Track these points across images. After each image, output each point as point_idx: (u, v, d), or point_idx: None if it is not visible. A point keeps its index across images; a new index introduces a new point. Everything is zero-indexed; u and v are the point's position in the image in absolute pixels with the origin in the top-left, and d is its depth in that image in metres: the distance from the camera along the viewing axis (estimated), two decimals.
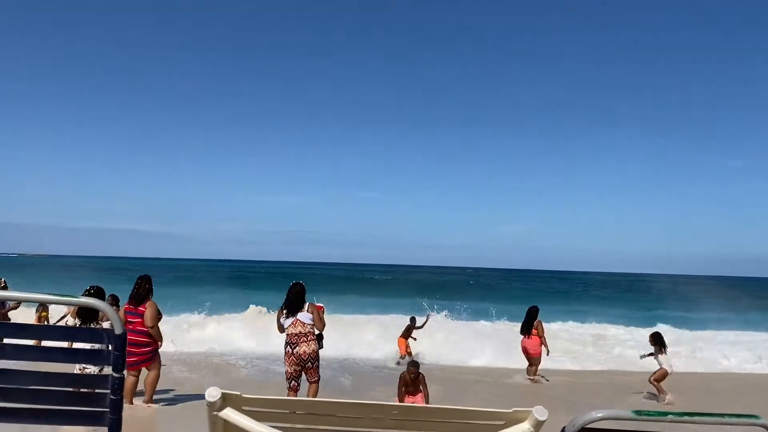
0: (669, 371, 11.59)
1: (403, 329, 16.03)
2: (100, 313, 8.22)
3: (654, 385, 11.65)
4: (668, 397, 11.37)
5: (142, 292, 8.61)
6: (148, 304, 8.57)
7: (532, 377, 13.26)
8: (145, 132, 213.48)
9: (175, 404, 9.01)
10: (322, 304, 8.83)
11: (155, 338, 8.60)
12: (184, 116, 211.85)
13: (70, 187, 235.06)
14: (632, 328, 25.88)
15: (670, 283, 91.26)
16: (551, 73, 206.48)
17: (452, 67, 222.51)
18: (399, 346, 15.76)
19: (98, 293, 8.51)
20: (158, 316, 8.67)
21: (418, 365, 9.41)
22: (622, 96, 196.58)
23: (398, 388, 9.20)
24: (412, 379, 9.07)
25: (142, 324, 8.46)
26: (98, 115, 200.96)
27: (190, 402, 9.07)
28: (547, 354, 13.59)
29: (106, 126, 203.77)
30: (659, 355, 11.68)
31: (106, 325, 8.27)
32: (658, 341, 11.82)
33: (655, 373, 11.67)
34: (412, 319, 16.29)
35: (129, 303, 8.60)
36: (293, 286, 8.57)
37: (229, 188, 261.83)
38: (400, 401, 9.07)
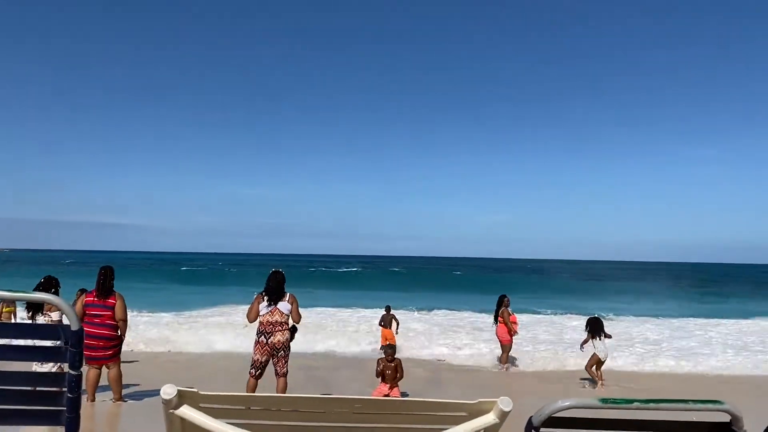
0: (602, 358, 11.68)
1: (384, 320, 16.00)
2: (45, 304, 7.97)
3: (589, 372, 11.75)
4: (598, 387, 11.50)
5: (108, 284, 8.33)
6: (117, 295, 8.32)
7: (503, 364, 13.38)
8: (116, 121, 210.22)
9: (140, 399, 8.85)
10: (294, 296, 8.71)
11: (122, 331, 8.39)
12: (159, 107, 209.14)
13: (35, 179, 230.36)
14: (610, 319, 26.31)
15: (642, 271, 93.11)
16: (527, 69, 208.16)
17: (431, 61, 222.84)
18: (386, 337, 15.72)
19: (47, 283, 8.30)
20: None
21: (395, 349, 9.56)
22: (596, 87, 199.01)
23: (376, 373, 9.32)
24: (389, 361, 9.17)
25: (111, 317, 8.20)
26: (65, 102, 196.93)
27: (154, 398, 8.92)
28: (514, 333, 13.74)
29: (73, 115, 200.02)
30: (593, 341, 11.76)
31: (54, 315, 8.04)
32: (590, 327, 11.93)
33: (589, 360, 11.80)
34: (387, 308, 16.28)
35: (95, 295, 8.26)
36: (274, 274, 8.43)
37: (202, 180, 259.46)
38: (379, 386, 9.27)
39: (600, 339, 11.75)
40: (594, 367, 11.74)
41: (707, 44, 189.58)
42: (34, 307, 8.12)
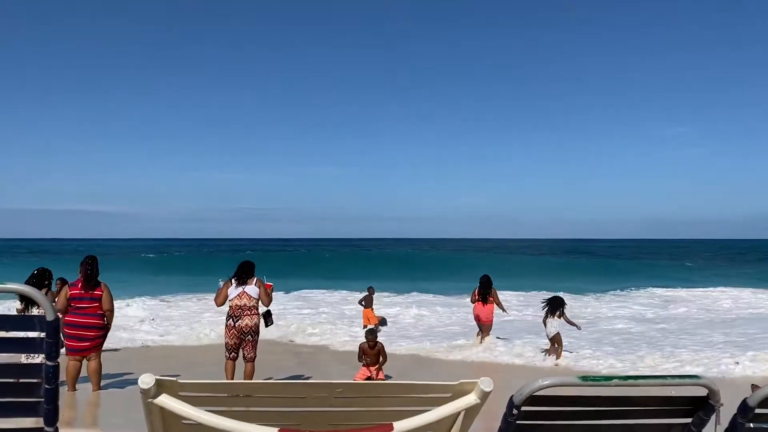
0: (547, 335, 12.01)
1: (365, 300, 16.02)
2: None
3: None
4: (552, 359, 11.88)
5: (95, 275, 8.25)
6: (103, 286, 8.25)
7: (481, 344, 13.46)
8: (91, 106, 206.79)
9: (122, 388, 8.81)
10: (271, 283, 8.98)
11: (108, 321, 8.33)
12: (132, 89, 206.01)
13: (10, 166, 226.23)
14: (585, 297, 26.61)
15: (619, 249, 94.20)
16: (503, 45, 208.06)
17: (411, 41, 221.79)
18: (367, 317, 15.76)
19: (40, 275, 8.28)
20: None
21: (376, 333, 9.61)
22: (567, 66, 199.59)
23: (358, 357, 9.34)
24: (371, 347, 9.22)
25: (99, 308, 8.14)
26: (40, 86, 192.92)
27: (135, 387, 8.86)
28: (505, 312, 13.93)
29: (48, 100, 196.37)
30: (548, 319, 12.03)
31: None
32: (548, 305, 12.19)
33: None
34: (370, 289, 16.29)
35: (81, 287, 8.16)
36: (243, 262, 8.87)
37: (180, 166, 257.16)
38: (361, 370, 9.36)
39: (553, 317, 11.92)
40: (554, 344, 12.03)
41: (683, 24, 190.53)
42: (29, 299, 8.04)
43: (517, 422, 2.41)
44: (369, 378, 9.16)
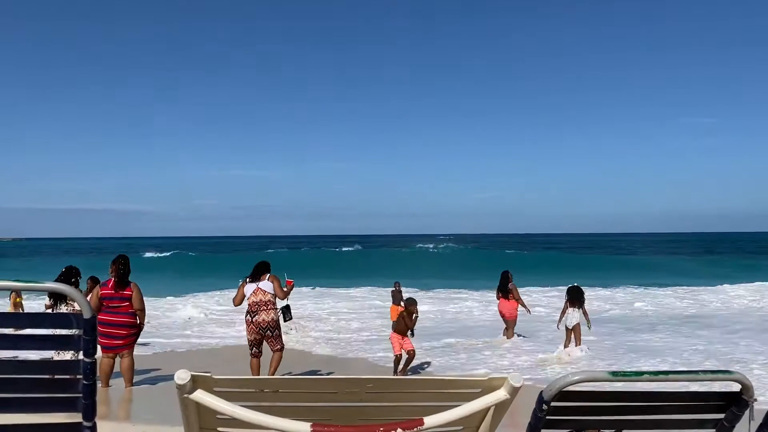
0: (568, 326, 11.81)
1: (393, 297, 15.98)
2: None
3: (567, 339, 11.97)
4: (567, 350, 11.70)
5: (126, 274, 8.41)
6: (133, 285, 8.41)
7: (508, 340, 13.44)
8: (114, 108, 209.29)
9: (154, 384, 8.97)
10: (291, 280, 9.31)
11: (141, 320, 8.50)
12: (152, 89, 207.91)
13: (37, 167, 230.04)
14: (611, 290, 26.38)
15: (644, 243, 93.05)
16: (518, 39, 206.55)
17: (420, 36, 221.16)
18: (392, 314, 15.75)
19: (67, 273, 8.44)
20: None
21: (416, 301, 10.45)
22: (590, 59, 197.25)
23: (398, 322, 10.12)
24: (409, 312, 10.00)
25: (129, 307, 8.30)
26: (63, 89, 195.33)
27: (168, 383, 9.01)
28: (529, 312, 13.87)
29: (72, 103, 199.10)
30: (569, 309, 11.88)
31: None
32: (569, 296, 12.06)
33: None
34: (397, 284, 16.20)
35: (112, 286, 8.32)
36: (259, 262, 9.27)
37: (196, 164, 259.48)
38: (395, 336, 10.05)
39: (574, 308, 11.80)
40: (571, 335, 11.84)
41: (703, 10, 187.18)
42: (57, 297, 8.26)
43: (547, 417, 2.41)
44: (401, 347, 9.85)
